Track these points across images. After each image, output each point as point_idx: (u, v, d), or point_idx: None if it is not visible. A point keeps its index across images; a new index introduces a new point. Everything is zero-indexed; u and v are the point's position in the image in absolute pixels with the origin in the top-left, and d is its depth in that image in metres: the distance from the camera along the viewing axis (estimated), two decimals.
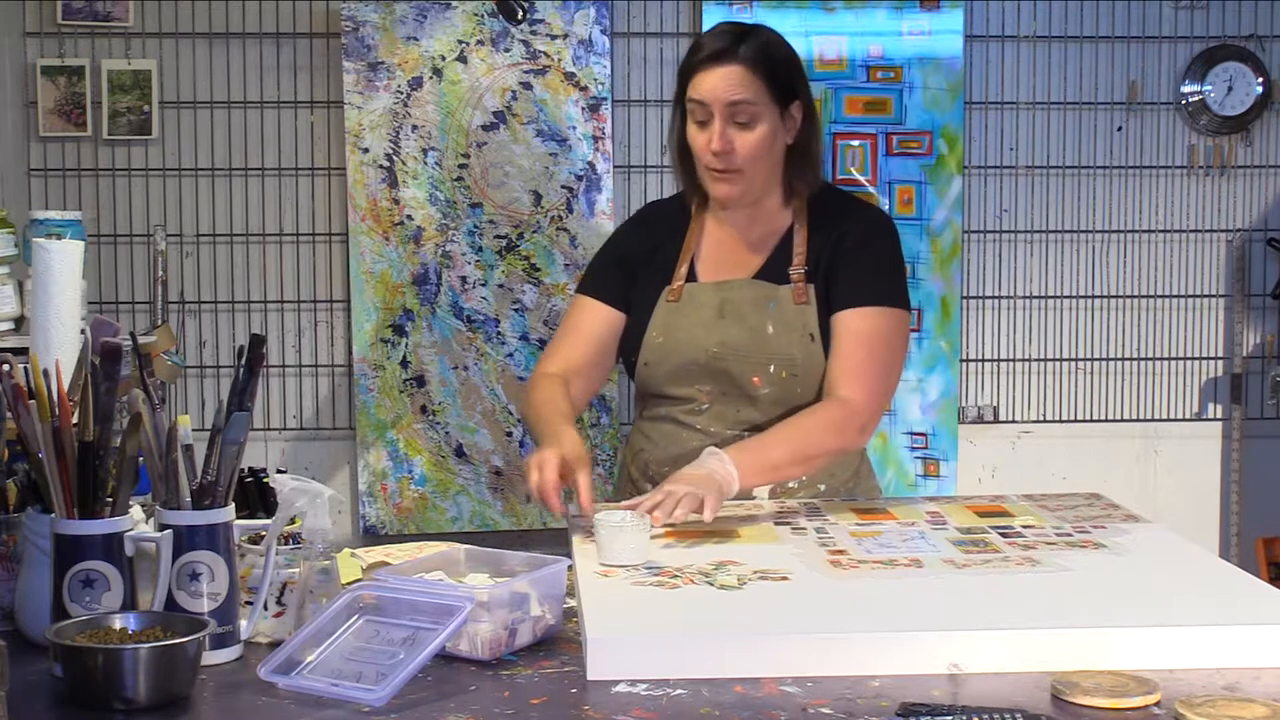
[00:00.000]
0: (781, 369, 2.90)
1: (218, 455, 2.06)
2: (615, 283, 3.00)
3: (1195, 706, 1.79)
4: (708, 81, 2.81)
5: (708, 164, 2.86)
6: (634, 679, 1.95)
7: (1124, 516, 2.76)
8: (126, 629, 1.97)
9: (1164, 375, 5.20)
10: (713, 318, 2.92)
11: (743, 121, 2.83)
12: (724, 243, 2.99)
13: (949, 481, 5.06)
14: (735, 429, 2.93)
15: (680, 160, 2.98)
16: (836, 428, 2.84)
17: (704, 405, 2.95)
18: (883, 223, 3.04)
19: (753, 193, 2.92)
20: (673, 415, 2.98)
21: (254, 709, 1.89)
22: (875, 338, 2.89)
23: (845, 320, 2.89)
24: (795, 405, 2.90)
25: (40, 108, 4.87)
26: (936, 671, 1.96)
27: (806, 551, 2.47)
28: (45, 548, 2.08)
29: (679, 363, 2.92)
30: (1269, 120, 5.14)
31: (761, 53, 2.84)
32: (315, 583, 2.15)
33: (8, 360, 2.15)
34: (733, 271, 2.96)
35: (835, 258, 2.92)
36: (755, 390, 2.90)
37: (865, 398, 2.85)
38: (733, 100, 2.80)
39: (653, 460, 3.00)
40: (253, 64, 4.95)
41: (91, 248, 4.72)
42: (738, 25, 2.91)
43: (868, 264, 2.94)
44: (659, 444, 3.00)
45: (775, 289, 2.92)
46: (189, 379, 4.97)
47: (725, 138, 2.82)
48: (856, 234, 2.95)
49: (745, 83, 2.81)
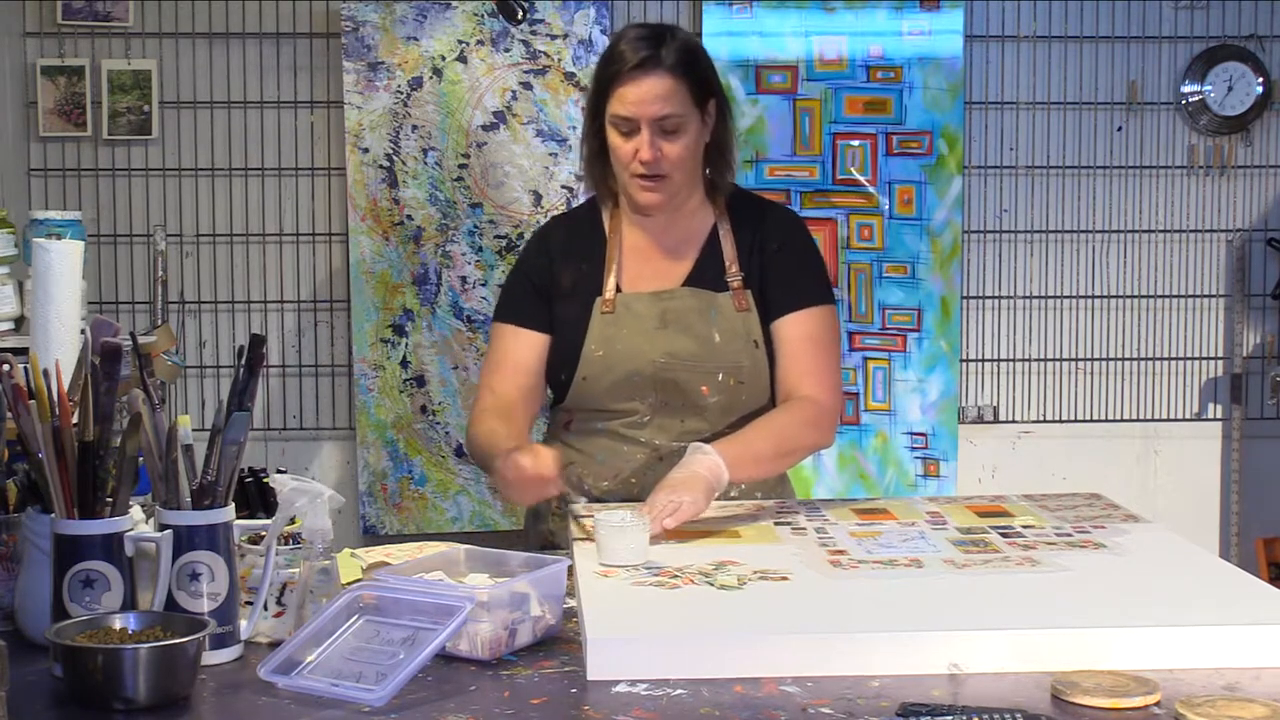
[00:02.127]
0: (730, 377, 2.88)
1: (218, 455, 2.07)
2: (536, 307, 2.92)
3: (1195, 706, 1.79)
4: (633, 95, 2.77)
5: (634, 173, 2.82)
6: (634, 679, 1.95)
7: (1124, 516, 2.76)
8: (126, 629, 1.97)
9: (1164, 375, 5.21)
10: (654, 328, 2.87)
11: (670, 130, 2.80)
12: (644, 250, 2.94)
13: (949, 481, 5.06)
14: (680, 440, 2.86)
15: (593, 167, 2.93)
16: (813, 424, 2.87)
17: (646, 417, 2.90)
18: (796, 220, 3.05)
19: (678, 198, 2.91)
20: (611, 429, 2.92)
21: (254, 709, 1.90)
22: (820, 337, 2.91)
23: (789, 325, 2.90)
24: (741, 413, 2.90)
25: (40, 108, 4.88)
26: (937, 671, 1.96)
27: (806, 552, 2.47)
28: (45, 548, 2.08)
29: (621, 375, 2.87)
30: (1269, 120, 5.14)
31: (682, 57, 2.80)
32: (315, 583, 2.15)
33: (8, 360, 2.15)
34: (661, 280, 2.92)
35: (764, 263, 2.92)
36: (703, 400, 2.88)
37: (829, 396, 2.89)
38: (661, 115, 2.78)
39: (590, 475, 2.92)
40: (253, 64, 4.96)
41: (91, 248, 4.73)
42: (651, 27, 2.87)
43: (796, 266, 2.95)
44: (597, 459, 2.92)
45: (714, 296, 2.90)
46: (189, 379, 4.98)
47: (654, 147, 2.79)
48: (778, 236, 2.95)
49: (671, 93, 2.77)
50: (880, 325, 5.07)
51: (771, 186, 5.04)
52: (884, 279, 5.07)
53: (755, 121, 5.04)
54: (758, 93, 5.03)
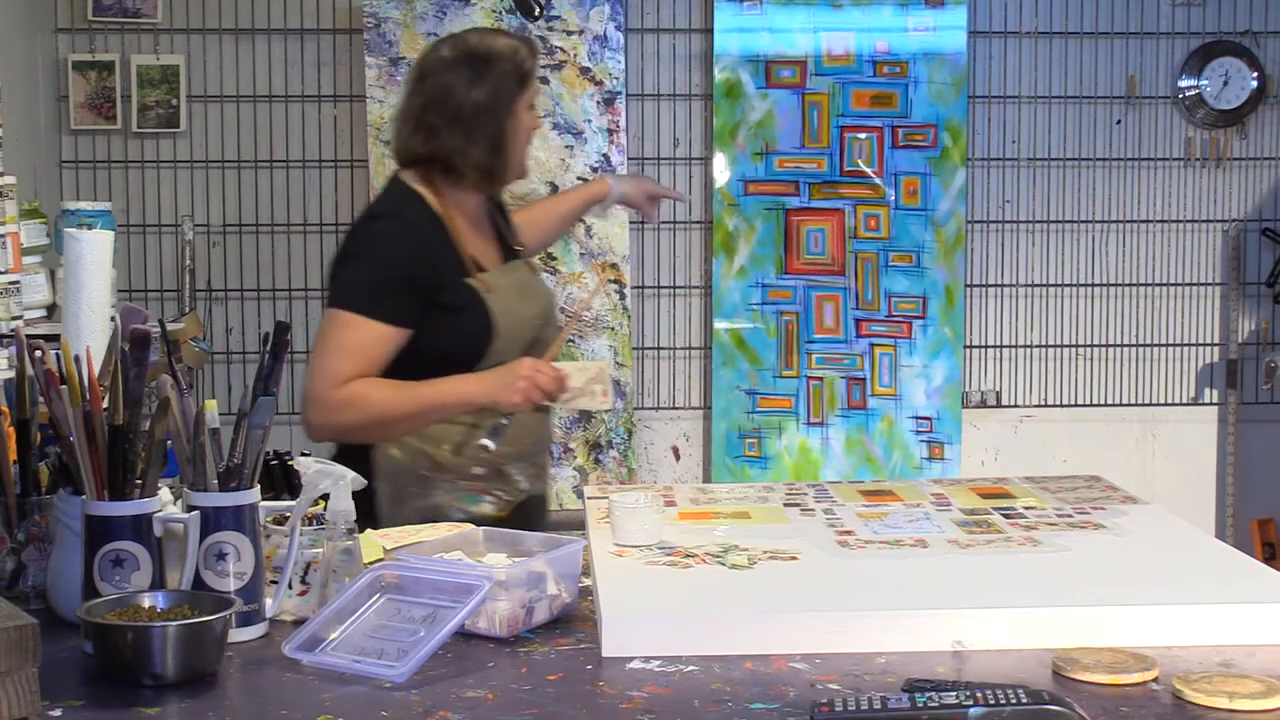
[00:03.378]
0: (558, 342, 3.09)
1: (244, 439, 2.08)
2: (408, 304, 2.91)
3: (1192, 682, 1.82)
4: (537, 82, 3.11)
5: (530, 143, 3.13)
6: (647, 656, 1.98)
7: (1123, 498, 2.79)
8: (155, 607, 1.99)
9: (1162, 361, 5.24)
10: (518, 298, 3.02)
11: None
12: (469, 233, 3.05)
13: (953, 464, 5.09)
14: None
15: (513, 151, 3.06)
16: None
17: None
18: None
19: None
20: None
21: (278, 685, 1.92)
22: None
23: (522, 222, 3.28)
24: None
25: (71, 102, 4.93)
26: (941, 649, 1.99)
27: (815, 532, 2.51)
28: (76, 528, 2.09)
29: (518, 341, 2.98)
30: (1264, 114, 5.18)
31: None
32: (338, 562, 2.16)
33: (40, 346, 2.18)
34: (490, 257, 3.07)
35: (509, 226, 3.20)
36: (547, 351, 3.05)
37: None
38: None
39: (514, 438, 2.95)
40: (278, 59, 5.01)
41: (121, 237, 4.77)
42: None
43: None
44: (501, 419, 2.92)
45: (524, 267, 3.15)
46: (216, 365, 5.02)
47: None
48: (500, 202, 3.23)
49: None
50: (886, 312, 5.11)
51: (781, 178, 5.08)
52: (890, 268, 5.10)
53: (765, 115, 5.07)
54: (767, 87, 5.06)
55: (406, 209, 2.99)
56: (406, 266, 2.91)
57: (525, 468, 3.01)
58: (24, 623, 1.75)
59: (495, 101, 3.00)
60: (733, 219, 5.12)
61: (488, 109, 2.99)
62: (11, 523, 2.26)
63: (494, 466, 2.95)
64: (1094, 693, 1.83)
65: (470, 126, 2.97)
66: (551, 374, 2.89)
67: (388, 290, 2.89)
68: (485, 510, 2.94)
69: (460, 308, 2.94)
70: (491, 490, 2.96)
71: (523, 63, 3.03)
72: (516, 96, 3.02)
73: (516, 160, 3.05)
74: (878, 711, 1.67)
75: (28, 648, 1.74)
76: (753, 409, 5.18)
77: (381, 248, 2.94)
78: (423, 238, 2.95)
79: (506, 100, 3.00)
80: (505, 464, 2.96)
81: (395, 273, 2.90)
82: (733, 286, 5.15)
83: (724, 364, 5.18)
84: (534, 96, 3.08)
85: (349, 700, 1.85)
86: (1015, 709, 1.66)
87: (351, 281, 2.94)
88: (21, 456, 2.29)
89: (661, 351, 5.26)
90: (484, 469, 2.93)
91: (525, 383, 2.85)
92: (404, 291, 2.90)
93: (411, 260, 2.91)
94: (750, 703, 1.81)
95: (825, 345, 5.16)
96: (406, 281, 2.90)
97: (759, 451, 5.19)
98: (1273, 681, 1.83)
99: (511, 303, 2.98)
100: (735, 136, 5.10)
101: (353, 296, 2.91)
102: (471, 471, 2.93)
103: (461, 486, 2.94)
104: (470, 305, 2.94)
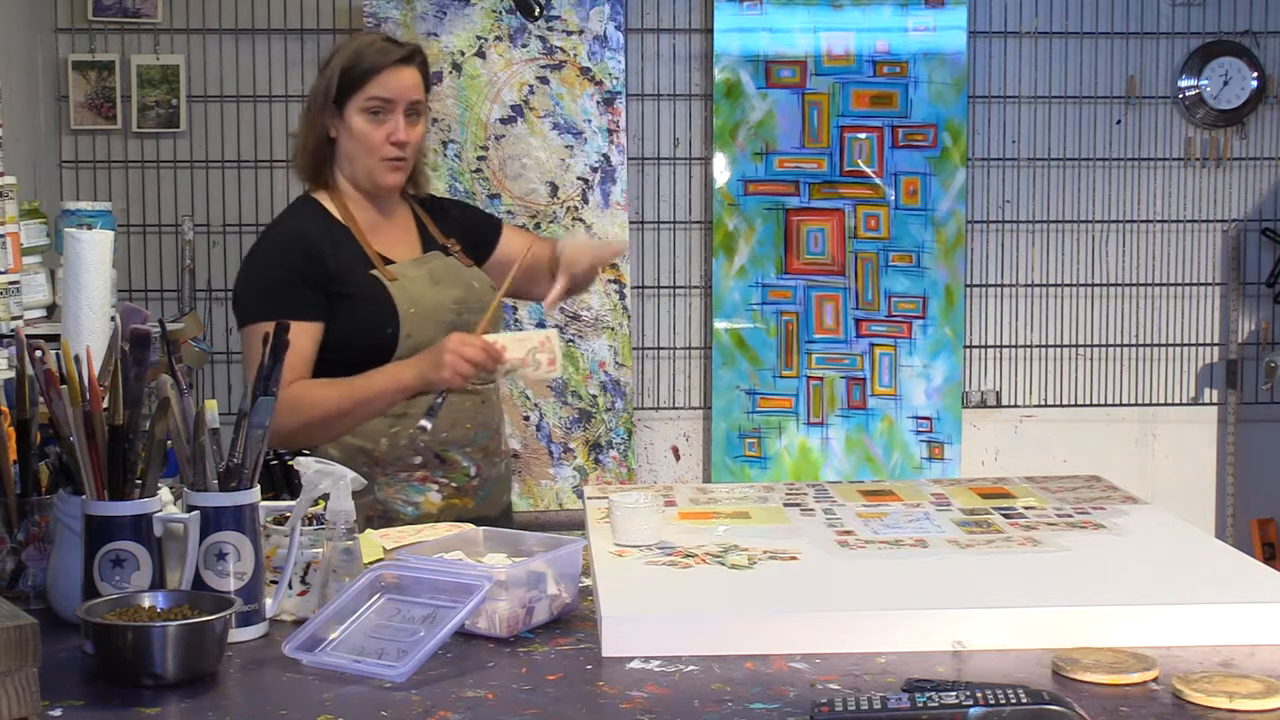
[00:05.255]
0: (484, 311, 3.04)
1: (243, 439, 2.09)
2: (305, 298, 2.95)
3: (1192, 682, 1.82)
4: (394, 81, 3.00)
5: (384, 155, 3.02)
6: (647, 655, 1.98)
7: (1123, 498, 2.79)
8: (155, 607, 1.99)
9: (1162, 361, 5.25)
10: (431, 285, 3.03)
11: (416, 114, 3.04)
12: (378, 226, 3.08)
13: (953, 464, 5.10)
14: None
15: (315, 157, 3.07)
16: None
17: None
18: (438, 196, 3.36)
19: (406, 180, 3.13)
20: None
21: (279, 684, 1.92)
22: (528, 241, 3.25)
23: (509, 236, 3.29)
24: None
25: (71, 101, 4.94)
26: (941, 649, 1.99)
27: (815, 532, 2.51)
28: (76, 528, 2.09)
29: (436, 325, 2.99)
30: (1264, 113, 5.18)
31: (424, 63, 3.09)
32: (338, 562, 2.16)
33: (40, 346, 2.17)
34: (408, 250, 3.10)
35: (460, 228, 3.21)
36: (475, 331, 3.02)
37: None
38: (414, 99, 3.03)
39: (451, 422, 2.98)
40: (278, 59, 5.01)
41: (121, 237, 4.77)
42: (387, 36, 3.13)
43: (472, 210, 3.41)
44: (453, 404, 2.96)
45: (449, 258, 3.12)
46: (215, 365, 5.03)
47: (406, 131, 3.02)
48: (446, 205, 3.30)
49: (419, 84, 3.05)
50: (886, 312, 5.11)
51: (781, 178, 5.08)
52: (890, 268, 5.10)
53: (765, 115, 5.07)
54: (768, 87, 5.07)
55: (289, 217, 3.11)
56: (291, 263, 2.97)
57: (472, 453, 3.02)
58: (24, 623, 1.74)
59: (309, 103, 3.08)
60: (733, 219, 5.12)
61: (305, 111, 3.09)
62: (11, 523, 2.26)
63: (434, 451, 2.96)
64: (1094, 693, 1.83)
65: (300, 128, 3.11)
66: (480, 345, 2.87)
67: (280, 288, 2.96)
68: (432, 499, 2.97)
69: (363, 298, 2.98)
70: (434, 478, 2.97)
71: (351, 68, 3.01)
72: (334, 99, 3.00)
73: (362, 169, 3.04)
74: (878, 711, 1.68)
75: (28, 648, 1.74)
76: (753, 409, 5.19)
77: (264, 255, 3.04)
78: (307, 238, 3.00)
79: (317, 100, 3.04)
80: (447, 450, 2.98)
81: (280, 272, 2.98)
82: (733, 286, 5.15)
83: (724, 364, 5.18)
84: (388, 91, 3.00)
85: (349, 700, 1.85)
86: (1015, 709, 1.66)
87: (247, 295, 3.03)
88: (21, 456, 2.30)
89: (661, 351, 5.26)
90: (423, 457, 2.95)
91: (451, 355, 2.84)
92: (296, 287, 2.95)
93: (297, 257, 2.97)
94: (750, 703, 1.81)
95: (825, 345, 5.16)
96: (296, 278, 2.96)
97: (759, 451, 5.19)
98: (1273, 681, 1.83)
99: (421, 290, 3.01)
100: (735, 136, 5.10)
101: (252, 307, 2.99)
102: (411, 462, 2.96)
103: (403, 479, 2.95)
104: (373, 295, 2.98)
